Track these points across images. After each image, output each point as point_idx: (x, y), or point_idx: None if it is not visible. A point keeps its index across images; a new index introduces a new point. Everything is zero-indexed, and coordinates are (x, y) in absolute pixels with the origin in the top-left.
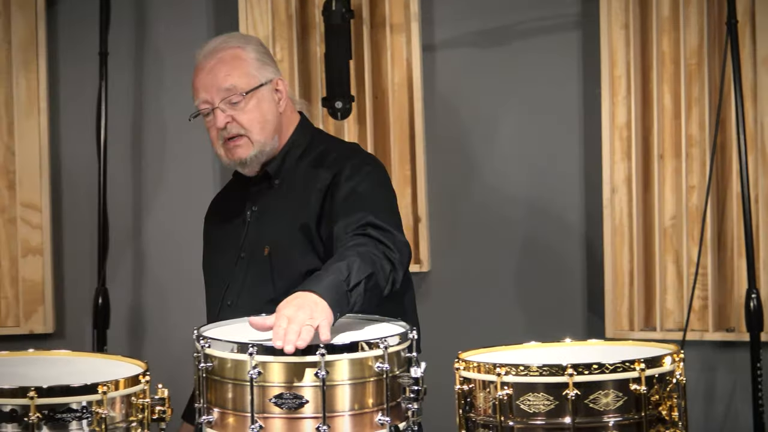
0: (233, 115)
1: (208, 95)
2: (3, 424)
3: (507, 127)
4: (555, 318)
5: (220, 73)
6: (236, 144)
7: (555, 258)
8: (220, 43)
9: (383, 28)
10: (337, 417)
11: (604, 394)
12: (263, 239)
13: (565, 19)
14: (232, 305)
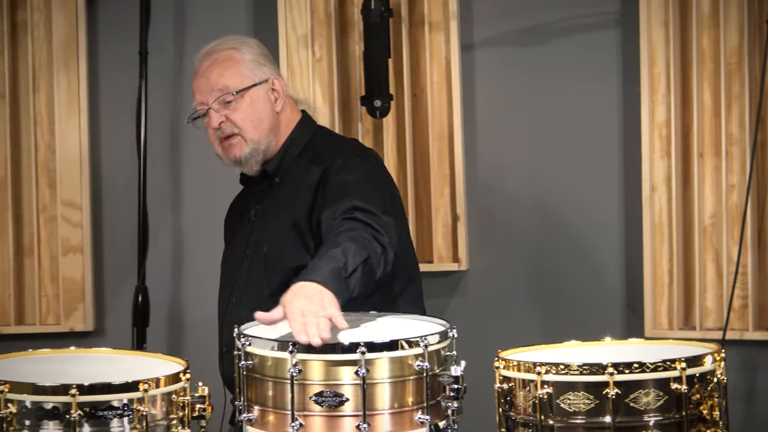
0: (227, 115)
1: (203, 97)
2: (45, 422)
3: (545, 126)
4: (594, 317)
5: (213, 74)
6: (230, 143)
7: (594, 256)
8: (215, 46)
9: (422, 27)
10: (377, 415)
11: (644, 393)
12: (263, 237)
13: (604, 17)
14: (236, 303)
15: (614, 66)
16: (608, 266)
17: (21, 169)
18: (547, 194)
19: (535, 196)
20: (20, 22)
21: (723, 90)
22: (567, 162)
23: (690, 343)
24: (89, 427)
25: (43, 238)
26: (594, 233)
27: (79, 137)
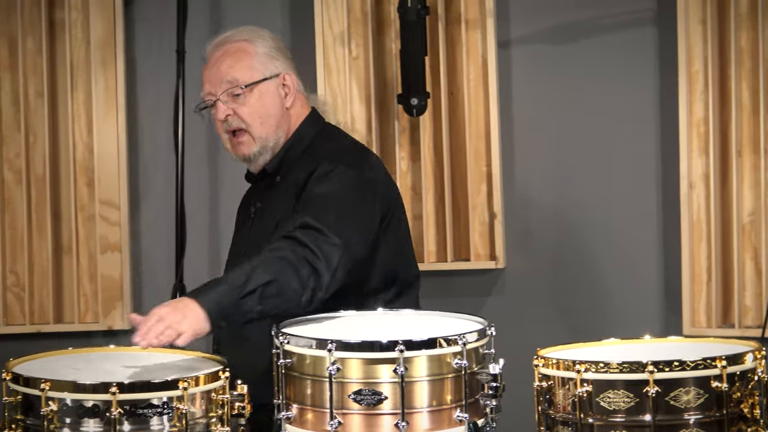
0: (234, 108)
1: (212, 87)
2: (85, 420)
3: (582, 123)
4: (632, 315)
5: (223, 66)
6: (239, 140)
7: (632, 254)
8: (229, 36)
9: (458, 25)
10: (415, 413)
11: (684, 391)
12: (261, 236)
13: (641, 15)
14: None
15: (652, 64)
16: (646, 264)
17: (59, 168)
18: (585, 192)
19: (572, 193)
20: (58, 22)
21: (761, 87)
22: (604, 160)
23: (730, 341)
24: (129, 425)
25: (81, 236)
26: (632, 231)
27: (116, 136)
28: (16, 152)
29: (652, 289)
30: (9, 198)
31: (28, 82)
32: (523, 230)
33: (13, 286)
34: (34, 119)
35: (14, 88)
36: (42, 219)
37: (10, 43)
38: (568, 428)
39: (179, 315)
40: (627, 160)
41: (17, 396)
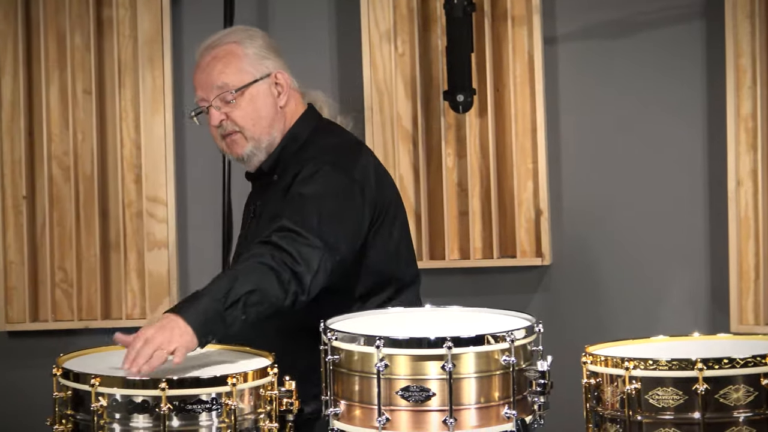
0: (227, 113)
1: (204, 93)
2: (135, 415)
3: (629, 119)
4: (679, 312)
5: (214, 71)
6: (232, 140)
7: (679, 251)
8: (217, 40)
9: (504, 21)
10: (463, 410)
11: (734, 389)
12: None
13: (688, 9)
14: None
15: (699, 59)
16: (693, 261)
17: (107, 166)
18: (631, 188)
19: (618, 190)
20: (106, 20)
21: None
22: (651, 156)
23: None
24: (178, 420)
25: (128, 233)
26: (679, 228)
27: (164, 133)
28: (64, 150)
29: (700, 287)
30: (57, 195)
31: (76, 80)
32: (569, 227)
33: (62, 282)
34: (82, 117)
35: (62, 85)
36: (90, 216)
37: (58, 41)
38: (616, 425)
39: (167, 334)
40: (674, 156)
41: (67, 391)
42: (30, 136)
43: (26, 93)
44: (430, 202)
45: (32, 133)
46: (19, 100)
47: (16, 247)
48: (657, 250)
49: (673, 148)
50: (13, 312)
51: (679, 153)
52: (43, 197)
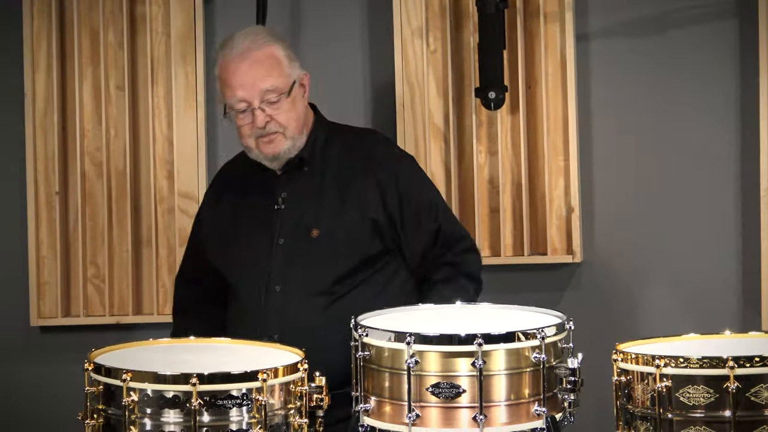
0: (272, 115)
1: (247, 94)
2: (166, 410)
3: (661, 119)
4: (710, 310)
5: (260, 74)
6: (270, 139)
7: (710, 249)
8: (252, 42)
9: (537, 18)
10: (493, 407)
11: (765, 387)
12: (306, 223)
13: (722, 7)
14: (282, 291)
15: (732, 57)
16: (725, 259)
17: (140, 161)
18: (663, 187)
19: (650, 188)
20: (139, 16)
21: None
22: (683, 155)
23: None
24: (209, 415)
25: (160, 229)
26: (711, 226)
27: (196, 130)
28: (97, 146)
29: (731, 285)
30: (90, 191)
31: (109, 76)
32: (600, 225)
33: (94, 277)
34: (115, 113)
35: (95, 82)
36: (122, 212)
37: (92, 37)
38: (647, 423)
39: None
40: (706, 155)
41: (99, 386)
42: (63, 132)
43: (60, 89)
44: (461, 199)
45: (65, 129)
46: (53, 96)
47: (49, 242)
48: (688, 249)
49: (705, 148)
50: (45, 307)
51: (711, 153)
52: (76, 193)
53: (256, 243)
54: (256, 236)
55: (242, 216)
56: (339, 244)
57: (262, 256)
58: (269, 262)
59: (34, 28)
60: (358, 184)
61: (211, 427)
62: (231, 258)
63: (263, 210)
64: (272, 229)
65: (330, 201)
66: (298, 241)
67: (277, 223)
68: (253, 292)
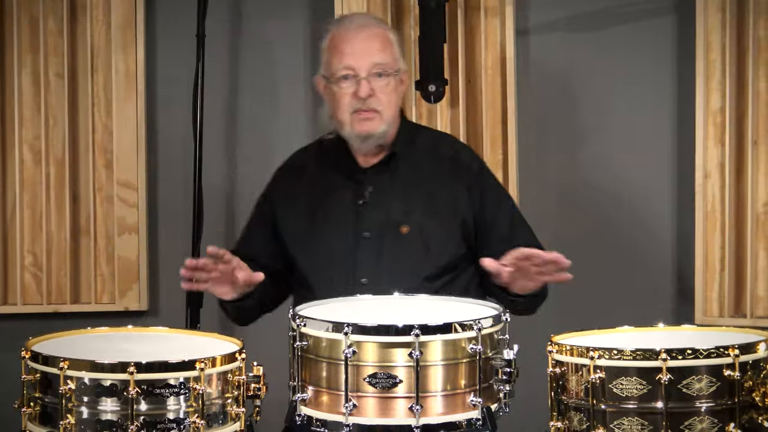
0: (375, 89)
1: (356, 63)
2: (103, 399)
3: (599, 111)
4: (645, 303)
5: (374, 47)
6: (368, 117)
7: (646, 243)
8: (370, 21)
9: (477, 12)
10: (429, 397)
11: (697, 379)
12: (394, 218)
13: (660, 3)
14: (369, 283)
15: (669, 52)
16: (660, 253)
17: (79, 150)
18: (601, 180)
19: (588, 181)
20: (79, 5)
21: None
22: (620, 148)
23: (743, 330)
24: (146, 404)
25: (99, 217)
26: (646, 220)
27: (136, 119)
28: (35, 134)
29: (665, 278)
30: (28, 179)
31: (49, 64)
32: (539, 218)
33: (31, 266)
34: (54, 101)
35: (35, 69)
36: (61, 200)
37: (31, 24)
38: (580, 414)
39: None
40: (643, 149)
41: (36, 374)
42: (2, 120)
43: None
44: None
45: (4, 117)
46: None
47: None
48: (624, 241)
49: (642, 140)
50: None
51: (647, 145)
52: (14, 181)
53: (340, 235)
54: (339, 229)
55: (323, 209)
56: (431, 242)
57: (347, 249)
58: (355, 255)
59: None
60: (447, 184)
61: (148, 416)
62: (312, 252)
63: (347, 203)
64: (357, 222)
65: (419, 199)
66: (386, 235)
67: (363, 216)
68: (336, 284)
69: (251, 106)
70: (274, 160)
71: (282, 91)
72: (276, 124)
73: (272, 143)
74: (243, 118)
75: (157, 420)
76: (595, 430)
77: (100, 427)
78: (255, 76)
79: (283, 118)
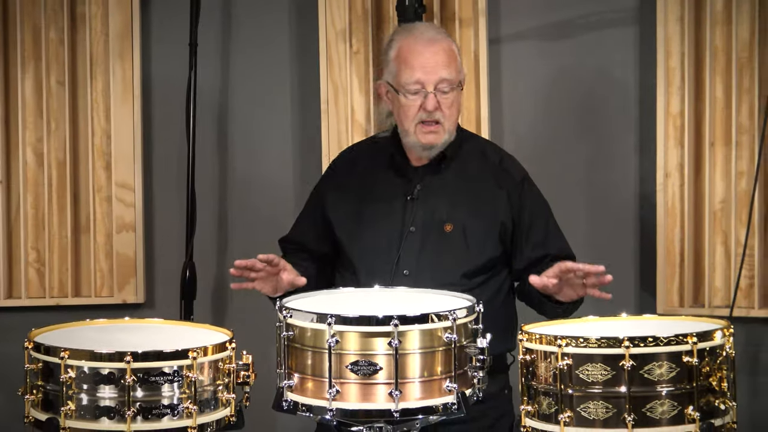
0: (441, 103)
1: (425, 77)
2: (101, 386)
3: (567, 115)
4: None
5: (442, 62)
6: (432, 130)
7: (611, 237)
8: (437, 33)
9: (452, 22)
10: (408, 383)
11: (658, 365)
12: (439, 216)
13: (623, 14)
14: (411, 275)
15: (632, 60)
16: (624, 247)
17: (79, 153)
18: (568, 177)
19: (556, 178)
20: (79, 16)
21: (734, 83)
22: (586, 149)
23: (701, 320)
24: (142, 391)
25: (98, 216)
26: (611, 216)
27: (132, 123)
28: (38, 137)
29: (629, 271)
30: (32, 180)
31: (51, 72)
32: None
33: (35, 261)
34: (55, 106)
35: (37, 76)
36: (62, 200)
37: (34, 34)
38: (549, 398)
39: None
40: (608, 150)
41: (38, 363)
42: (6, 124)
43: (3, 83)
44: None
45: (8, 121)
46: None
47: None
48: (589, 235)
49: (608, 144)
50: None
51: (612, 148)
52: (18, 182)
53: (387, 228)
54: (387, 222)
55: (373, 201)
56: (471, 240)
57: (393, 242)
58: (400, 248)
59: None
60: (490, 187)
61: (144, 402)
62: (358, 239)
63: (396, 198)
64: (404, 217)
65: (463, 199)
66: (430, 232)
67: (410, 212)
68: (378, 272)
69: (241, 111)
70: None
71: (270, 94)
72: (264, 127)
73: (261, 146)
74: (233, 122)
75: (152, 406)
76: (562, 413)
77: (99, 413)
78: (244, 82)
79: (271, 120)
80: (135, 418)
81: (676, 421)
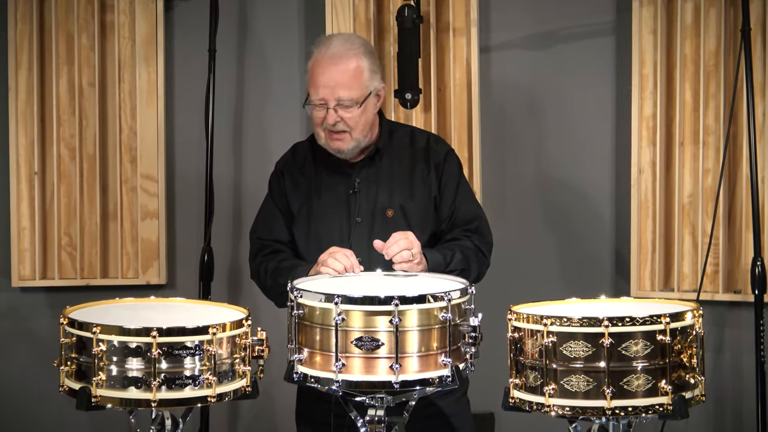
0: (342, 116)
1: (325, 94)
2: (129, 358)
3: (551, 117)
4: (588, 279)
5: (342, 82)
6: (338, 138)
7: (589, 228)
8: (345, 51)
9: (447, 32)
10: (407, 357)
11: (634, 343)
12: (381, 204)
13: (602, 26)
14: (364, 262)
15: (609, 67)
16: (602, 237)
17: (107, 148)
18: (551, 176)
19: (540, 176)
20: (108, 24)
21: (702, 89)
22: (568, 148)
23: (674, 302)
24: (166, 363)
25: (125, 205)
26: (590, 209)
27: (156, 121)
28: (71, 133)
29: (606, 258)
30: (65, 172)
31: (82, 75)
32: (499, 207)
33: (67, 246)
34: (86, 106)
35: (70, 79)
36: (92, 190)
37: (67, 41)
38: (535, 372)
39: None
40: (587, 149)
41: (72, 338)
42: (42, 121)
43: (39, 84)
44: None
45: (44, 119)
46: (33, 90)
47: (29, 215)
48: (571, 227)
49: (587, 140)
50: (25, 271)
51: (592, 147)
52: (53, 173)
53: (336, 220)
54: (335, 216)
55: (321, 195)
56: (413, 221)
57: (344, 233)
58: (349, 238)
59: (18, 32)
60: (421, 167)
61: (168, 373)
62: (310, 232)
63: (341, 192)
64: (350, 209)
65: (400, 184)
66: (374, 219)
67: (355, 204)
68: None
69: (255, 110)
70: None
71: (281, 95)
72: (276, 124)
73: (273, 142)
74: (248, 121)
75: (175, 377)
76: (547, 385)
77: (127, 383)
78: (258, 83)
79: (282, 118)
80: (160, 387)
81: (651, 393)
